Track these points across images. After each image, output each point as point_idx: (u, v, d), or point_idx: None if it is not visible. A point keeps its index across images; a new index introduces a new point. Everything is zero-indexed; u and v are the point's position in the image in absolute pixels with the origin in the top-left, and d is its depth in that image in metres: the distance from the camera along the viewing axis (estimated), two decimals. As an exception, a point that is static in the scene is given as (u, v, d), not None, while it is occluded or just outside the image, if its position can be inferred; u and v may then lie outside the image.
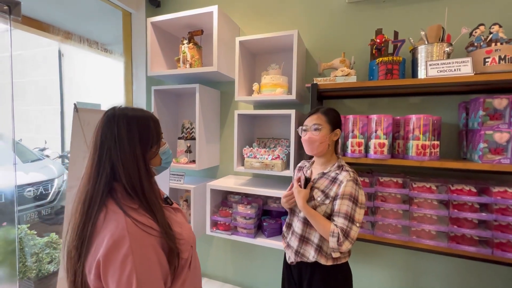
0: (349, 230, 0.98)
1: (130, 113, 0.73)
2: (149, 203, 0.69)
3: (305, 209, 1.08)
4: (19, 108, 4.08)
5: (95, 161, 0.68)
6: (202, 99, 1.75)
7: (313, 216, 1.06)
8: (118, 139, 0.69)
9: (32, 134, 4.31)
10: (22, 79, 4.04)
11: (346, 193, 1.02)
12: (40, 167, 3.09)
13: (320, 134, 1.09)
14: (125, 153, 0.69)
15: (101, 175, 0.67)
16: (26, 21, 1.72)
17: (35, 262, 1.72)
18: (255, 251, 1.94)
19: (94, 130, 0.72)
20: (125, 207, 0.66)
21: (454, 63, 1.18)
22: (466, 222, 1.21)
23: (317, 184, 1.12)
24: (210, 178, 2.06)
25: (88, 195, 0.66)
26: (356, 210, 1.01)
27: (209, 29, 1.76)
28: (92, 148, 0.70)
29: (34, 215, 2.50)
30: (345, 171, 1.07)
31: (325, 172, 1.12)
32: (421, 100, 1.51)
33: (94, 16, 2.15)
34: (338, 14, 1.65)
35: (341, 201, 1.02)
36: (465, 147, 1.35)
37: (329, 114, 1.12)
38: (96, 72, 2.65)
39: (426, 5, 1.47)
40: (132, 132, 0.71)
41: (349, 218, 0.99)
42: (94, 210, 0.65)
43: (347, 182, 1.03)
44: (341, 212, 1.00)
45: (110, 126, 0.70)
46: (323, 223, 1.03)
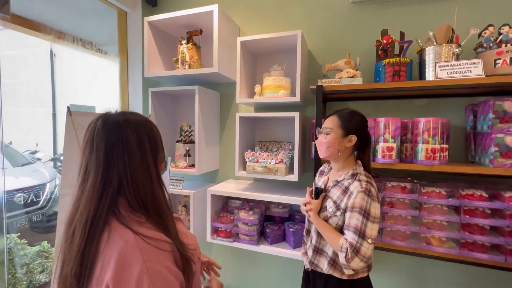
0: (359, 246, 0.90)
1: (133, 118, 0.67)
2: (162, 214, 0.64)
3: (315, 220, 1.04)
4: (9, 110, 3.95)
5: (99, 176, 0.60)
6: (202, 101, 1.69)
7: (323, 228, 1.01)
8: (127, 148, 0.62)
9: (23, 136, 4.18)
10: (13, 80, 3.91)
11: (356, 206, 0.94)
12: (31, 171, 2.98)
13: (328, 138, 1.04)
14: (135, 163, 0.62)
15: (107, 192, 0.60)
16: (16, 20, 1.63)
17: (25, 273, 1.64)
18: (257, 259, 1.88)
19: (86, 140, 0.63)
20: (131, 223, 0.60)
21: (465, 65, 1.14)
22: (477, 228, 1.18)
23: (330, 193, 1.06)
24: (210, 182, 2.00)
25: (89, 216, 0.58)
26: (367, 225, 0.91)
27: (208, 29, 1.70)
28: (94, 161, 0.61)
29: (25, 221, 2.40)
30: (358, 181, 0.98)
31: (339, 180, 1.06)
32: (427, 103, 1.47)
33: (88, 15, 2.07)
34: (342, 14, 1.61)
35: (350, 213, 0.94)
36: (473, 150, 1.32)
37: (344, 118, 1.04)
38: (90, 73, 2.56)
39: (432, 5, 1.44)
40: (142, 139, 0.65)
41: (359, 233, 0.91)
42: (97, 231, 0.57)
43: (358, 194, 0.94)
44: (351, 225, 0.93)
45: (116, 134, 0.62)
46: (333, 236, 0.97)
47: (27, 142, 3.85)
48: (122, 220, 0.59)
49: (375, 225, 0.92)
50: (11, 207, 2.32)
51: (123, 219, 0.59)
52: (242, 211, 1.59)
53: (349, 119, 1.04)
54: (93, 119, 0.66)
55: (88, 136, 0.64)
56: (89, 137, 0.63)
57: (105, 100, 2.34)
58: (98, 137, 0.62)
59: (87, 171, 0.61)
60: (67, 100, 3.42)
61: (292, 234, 1.52)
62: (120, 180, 0.61)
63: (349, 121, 1.03)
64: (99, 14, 2.08)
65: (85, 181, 0.61)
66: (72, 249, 0.57)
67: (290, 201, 1.44)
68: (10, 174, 2.73)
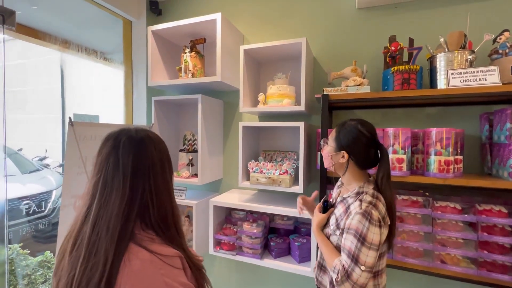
0: (350, 271, 0.82)
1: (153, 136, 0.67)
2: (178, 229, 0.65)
3: (315, 234, 1.01)
4: (21, 117, 4.04)
5: (126, 195, 0.58)
6: (205, 110, 1.66)
7: (322, 244, 0.97)
8: (153, 167, 0.62)
9: (33, 143, 4.26)
10: (24, 88, 4.01)
11: (351, 228, 0.85)
12: (39, 178, 3.00)
13: (325, 151, 1.03)
14: (159, 181, 0.63)
15: (132, 212, 0.58)
16: (24, 30, 1.66)
17: (27, 285, 1.62)
18: (262, 272, 1.82)
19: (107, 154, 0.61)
20: (144, 242, 0.58)
21: (479, 72, 1.08)
22: (497, 246, 1.09)
23: (336, 208, 1.00)
24: (213, 192, 1.96)
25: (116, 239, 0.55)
26: (361, 250, 0.82)
27: (212, 37, 1.69)
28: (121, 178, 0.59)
29: (31, 229, 2.40)
30: (359, 201, 0.89)
31: (345, 196, 0.99)
32: (438, 111, 1.41)
33: (94, 25, 2.09)
34: (348, 20, 1.57)
35: (346, 235, 0.87)
36: (490, 162, 1.24)
37: (339, 131, 0.98)
38: (95, 81, 2.59)
39: (443, 10, 1.39)
40: (163, 157, 0.66)
41: (352, 257, 0.83)
42: (121, 255, 0.54)
43: (355, 215, 0.86)
44: (345, 247, 0.86)
45: (142, 152, 0.62)
46: (330, 254, 0.92)
47: (37, 149, 3.92)
48: (137, 241, 0.57)
49: (371, 252, 0.82)
50: (17, 215, 2.33)
51: (138, 240, 0.58)
52: (245, 223, 1.55)
53: (343, 134, 0.96)
54: (112, 134, 0.64)
55: (109, 151, 0.61)
56: (112, 153, 0.61)
57: (110, 108, 2.35)
58: (125, 154, 0.60)
59: (109, 188, 0.58)
60: (74, 108, 3.47)
61: (298, 248, 1.46)
62: (144, 199, 0.60)
63: (343, 137, 0.95)
64: (105, 23, 2.10)
65: (107, 199, 0.58)
66: (93, 274, 0.52)
67: (295, 213, 1.39)
68: (18, 181, 2.76)
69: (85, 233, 0.56)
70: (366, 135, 0.94)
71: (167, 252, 0.58)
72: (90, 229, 0.56)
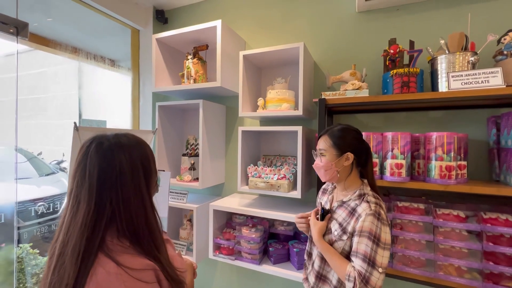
0: (368, 276, 0.80)
1: (126, 142, 0.64)
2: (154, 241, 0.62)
3: (319, 243, 0.95)
4: (42, 122, 4.24)
5: (92, 207, 0.57)
6: (207, 114, 1.69)
7: (328, 253, 0.92)
8: (120, 177, 0.59)
9: (52, 147, 4.47)
10: (45, 94, 4.23)
11: (364, 230, 0.84)
12: (54, 181, 3.13)
13: (324, 161, 0.97)
14: (128, 193, 0.60)
15: (100, 225, 0.57)
16: (39, 40, 1.76)
17: (35, 283, 1.68)
18: (262, 278, 1.80)
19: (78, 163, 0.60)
20: (114, 252, 0.57)
21: (481, 74, 1.04)
22: (504, 257, 1.03)
23: (336, 214, 0.97)
24: (215, 196, 1.97)
25: (81, 251, 0.54)
26: (377, 251, 0.81)
27: (214, 44, 1.72)
28: (87, 189, 0.58)
29: (44, 230, 2.50)
30: (366, 202, 0.89)
31: (344, 200, 0.97)
32: (443, 114, 1.36)
33: (104, 34, 2.19)
34: (348, 24, 1.56)
35: (359, 238, 0.85)
36: (498, 168, 1.18)
37: (335, 136, 0.96)
38: (105, 87, 2.70)
39: (443, 12, 1.35)
40: (136, 166, 0.63)
41: (369, 261, 0.81)
42: (88, 266, 0.54)
43: (366, 216, 0.85)
44: (359, 252, 0.84)
45: (109, 161, 0.59)
46: (339, 263, 0.88)
47: (55, 153, 4.11)
48: (107, 252, 0.57)
49: (386, 252, 0.82)
50: (31, 216, 2.43)
51: (108, 251, 0.57)
52: (244, 227, 1.54)
53: (341, 136, 0.96)
54: (86, 142, 0.63)
55: (80, 160, 0.61)
56: (81, 162, 0.60)
57: (117, 113, 2.43)
58: (91, 164, 0.59)
59: (78, 198, 0.58)
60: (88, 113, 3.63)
61: (296, 254, 1.44)
62: (113, 210, 0.59)
63: (341, 138, 0.95)
64: (114, 32, 2.19)
65: (75, 209, 0.58)
66: (62, 282, 0.53)
67: (295, 220, 1.37)
68: (34, 183, 2.89)
69: (56, 246, 0.57)
70: (358, 131, 0.99)
71: (137, 265, 0.56)
72: (61, 241, 0.56)
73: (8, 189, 1.90)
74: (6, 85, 2.13)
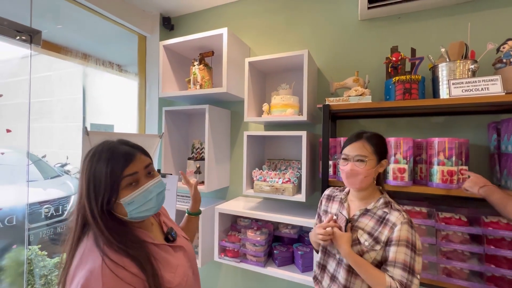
0: (409, 284, 0.80)
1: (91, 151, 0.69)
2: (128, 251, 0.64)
3: (351, 257, 0.89)
4: (47, 125, 4.29)
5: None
6: (212, 119, 1.73)
7: (362, 265, 0.87)
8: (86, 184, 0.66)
9: (56, 150, 4.52)
10: (50, 98, 4.30)
11: (402, 239, 0.84)
12: (59, 184, 3.16)
13: (366, 168, 0.92)
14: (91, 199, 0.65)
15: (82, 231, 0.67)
16: (50, 47, 1.81)
17: (43, 285, 1.71)
18: (267, 280, 1.82)
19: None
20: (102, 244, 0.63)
21: (481, 82, 1.07)
22: (505, 261, 1.05)
23: (360, 223, 0.94)
24: (220, 199, 2.00)
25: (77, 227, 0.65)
26: (415, 259, 0.84)
27: (220, 50, 1.76)
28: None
29: (50, 232, 2.53)
30: (396, 210, 0.90)
31: (368, 208, 0.95)
32: (444, 120, 1.39)
33: (111, 40, 2.25)
34: (350, 32, 1.60)
35: (397, 248, 0.84)
36: (498, 173, 1.21)
37: (375, 143, 0.95)
38: (111, 92, 2.75)
39: (444, 21, 1.39)
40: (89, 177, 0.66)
41: (409, 269, 0.82)
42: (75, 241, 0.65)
43: (402, 225, 0.86)
44: (398, 261, 0.83)
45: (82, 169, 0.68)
46: (375, 275, 0.84)
47: (59, 156, 4.16)
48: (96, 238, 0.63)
49: (420, 258, 0.85)
50: (38, 218, 2.47)
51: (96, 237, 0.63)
52: (249, 230, 1.57)
53: (380, 144, 0.97)
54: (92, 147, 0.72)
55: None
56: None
57: (124, 118, 2.47)
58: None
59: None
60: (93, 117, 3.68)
61: (301, 257, 1.46)
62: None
63: (380, 146, 0.96)
64: (122, 39, 2.24)
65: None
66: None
67: (299, 222, 1.40)
68: (40, 186, 2.92)
69: None
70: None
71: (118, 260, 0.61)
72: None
73: (18, 191, 1.93)
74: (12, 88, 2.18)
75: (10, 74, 2.32)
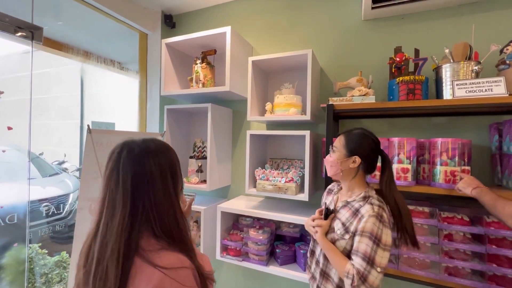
0: (367, 274, 0.84)
1: (155, 148, 0.67)
2: (185, 241, 0.65)
3: (321, 241, 0.99)
4: (43, 123, 4.25)
5: (127, 210, 0.60)
6: (214, 118, 1.72)
7: (329, 250, 0.96)
8: (152, 182, 0.63)
9: (53, 147, 4.49)
10: (47, 95, 4.26)
11: (366, 230, 0.88)
12: (58, 181, 3.14)
13: (332, 157, 1.04)
14: (159, 196, 0.63)
15: (136, 227, 0.60)
16: (51, 44, 1.79)
17: (44, 283, 1.70)
18: (268, 279, 1.83)
19: (111, 169, 0.64)
20: (152, 255, 0.59)
21: (485, 83, 1.08)
22: (507, 260, 1.07)
23: (340, 214, 1.02)
24: (221, 198, 2.00)
25: (121, 253, 0.57)
26: (377, 252, 0.85)
27: (222, 49, 1.76)
28: (121, 194, 0.61)
29: (49, 230, 2.51)
30: (369, 204, 0.93)
31: (349, 200, 1.01)
32: (447, 121, 1.40)
33: (112, 37, 2.23)
34: (354, 31, 1.61)
35: (360, 238, 0.89)
36: (500, 173, 1.22)
37: (350, 138, 1.01)
38: (112, 90, 2.73)
39: (448, 21, 1.40)
40: (165, 170, 0.66)
41: (368, 260, 0.85)
42: (127, 268, 0.57)
43: (369, 218, 0.89)
44: (359, 251, 0.87)
45: (140, 166, 0.63)
46: (339, 260, 0.92)
47: (56, 153, 4.12)
48: (143, 254, 0.59)
49: (385, 253, 0.86)
50: (37, 216, 2.45)
51: (144, 253, 0.59)
52: (251, 229, 1.57)
53: (355, 140, 1.00)
54: (117, 147, 0.67)
55: (112, 166, 0.64)
56: (114, 168, 0.63)
57: (125, 116, 2.46)
58: (124, 170, 0.62)
59: (113, 203, 0.61)
60: (92, 115, 3.65)
61: (303, 256, 1.47)
62: (146, 213, 0.62)
63: (355, 142, 1.00)
64: (123, 36, 2.22)
65: (110, 214, 0.61)
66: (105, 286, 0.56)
67: (301, 221, 1.41)
68: (38, 183, 2.90)
69: (94, 252, 0.60)
70: (375, 141, 1.01)
71: (174, 263, 0.59)
72: (99, 246, 0.59)
73: (18, 189, 1.92)
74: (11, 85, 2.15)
75: (9, 71, 2.30)
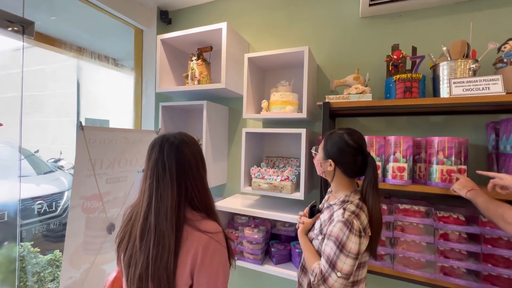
0: (327, 276, 0.84)
1: (189, 141, 0.82)
2: (216, 213, 0.83)
3: (300, 238, 1.06)
4: (39, 120, 4.20)
5: (175, 193, 0.75)
6: (210, 115, 1.70)
7: (304, 247, 1.01)
8: (190, 168, 0.78)
9: (49, 145, 4.44)
10: (42, 92, 4.20)
11: (332, 234, 0.87)
12: (52, 179, 3.10)
13: (314, 159, 1.09)
14: (197, 180, 0.79)
15: (182, 205, 0.76)
16: (44, 39, 1.76)
17: (36, 282, 1.68)
18: (264, 278, 1.82)
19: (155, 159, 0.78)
20: (197, 223, 0.76)
21: (482, 81, 1.07)
22: (501, 259, 1.06)
23: (322, 214, 1.04)
24: (217, 196, 1.98)
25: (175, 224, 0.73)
26: (339, 257, 0.83)
27: (218, 46, 1.73)
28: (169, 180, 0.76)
29: (43, 228, 2.48)
30: (343, 209, 0.90)
31: (331, 203, 1.01)
32: (443, 119, 1.39)
33: (107, 33, 2.20)
34: (351, 29, 1.59)
35: (327, 241, 0.89)
36: (496, 172, 1.21)
37: (326, 141, 1.00)
38: (106, 87, 2.69)
39: (446, 19, 1.38)
40: (197, 159, 0.81)
41: (330, 263, 0.85)
42: (180, 235, 0.73)
43: (337, 222, 0.87)
44: (324, 253, 0.89)
45: (182, 156, 0.78)
46: (310, 258, 0.96)
47: (52, 151, 4.08)
48: (190, 223, 0.75)
49: (349, 260, 0.83)
50: (30, 214, 2.42)
51: (191, 222, 0.76)
52: (246, 228, 1.56)
53: (330, 143, 0.98)
54: (157, 141, 0.81)
55: (157, 156, 0.78)
56: (159, 157, 0.78)
57: (120, 113, 2.43)
58: (169, 159, 0.77)
59: (160, 186, 0.76)
60: (87, 112, 3.61)
61: (298, 255, 1.46)
62: (189, 192, 0.78)
63: (330, 145, 0.98)
64: (118, 32, 2.19)
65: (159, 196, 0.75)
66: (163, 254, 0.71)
67: (296, 220, 1.39)
68: (33, 181, 2.86)
69: (151, 223, 0.74)
70: (352, 145, 0.95)
71: (214, 228, 0.76)
72: (155, 220, 0.74)
73: (10, 187, 1.89)
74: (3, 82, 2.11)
75: (1, 68, 2.25)
